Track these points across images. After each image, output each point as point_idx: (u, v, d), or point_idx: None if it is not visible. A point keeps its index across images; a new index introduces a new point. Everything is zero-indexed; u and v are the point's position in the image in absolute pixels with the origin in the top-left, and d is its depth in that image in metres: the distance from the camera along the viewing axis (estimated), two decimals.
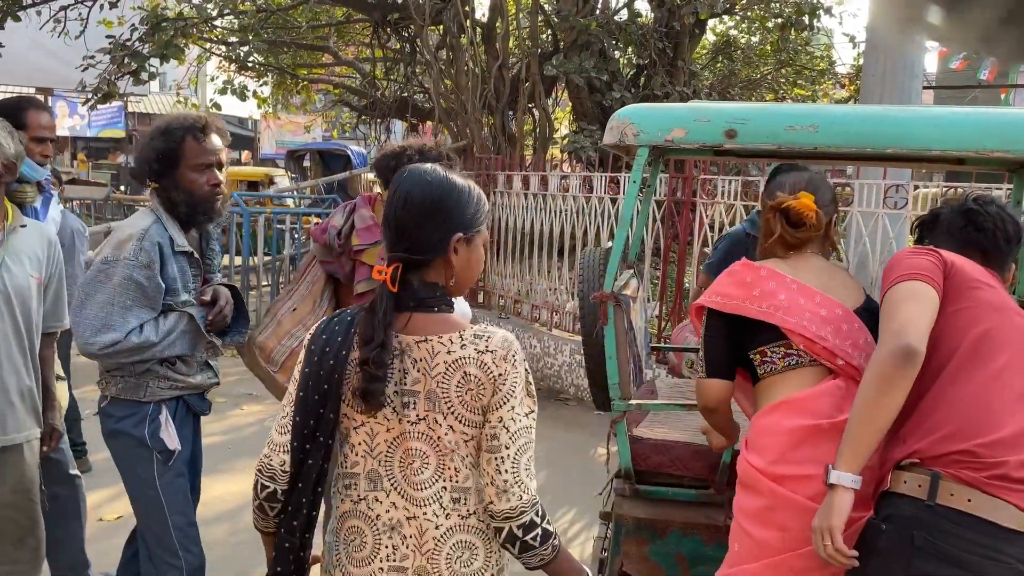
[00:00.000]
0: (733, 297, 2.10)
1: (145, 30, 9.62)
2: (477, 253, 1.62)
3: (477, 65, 10.02)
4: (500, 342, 1.55)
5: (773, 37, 11.53)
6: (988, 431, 1.68)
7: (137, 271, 2.42)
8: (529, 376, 1.59)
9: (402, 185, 1.58)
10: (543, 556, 1.57)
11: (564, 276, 7.19)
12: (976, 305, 1.84)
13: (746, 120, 2.34)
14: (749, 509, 2.03)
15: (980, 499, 1.60)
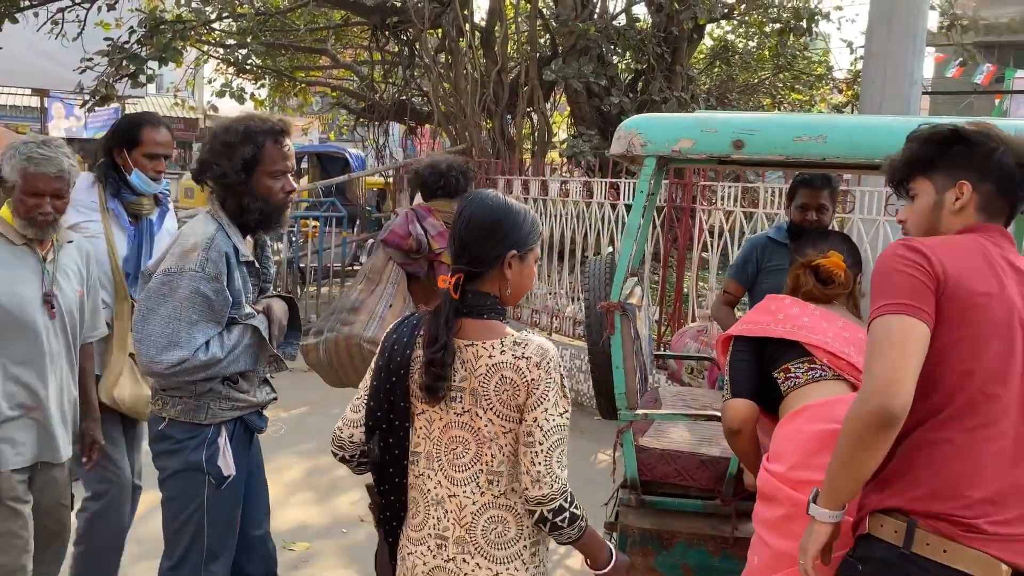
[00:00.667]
0: (758, 323, 2.20)
1: (143, 32, 9.60)
2: (529, 268, 1.85)
3: (476, 69, 10.02)
4: (535, 350, 1.75)
5: (771, 42, 11.55)
6: (973, 491, 1.58)
7: (204, 283, 2.27)
8: (564, 380, 1.76)
9: (467, 207, 1.83)
10: (571, 535, 1.77)
11: (564, 281, 7.19)
12: (977, 332, 1.63)
13: (754, 131, 2.34)
14: (768, 520, 2.03)
15: (956, 550, 1.55)
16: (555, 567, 4.06)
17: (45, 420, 2.60)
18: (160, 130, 3.07)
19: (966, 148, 1.75)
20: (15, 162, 2.53)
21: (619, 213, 6.55)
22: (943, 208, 1.76)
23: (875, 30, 5.57)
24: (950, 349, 1.62)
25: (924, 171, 1.79)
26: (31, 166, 2.51)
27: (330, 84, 14.73)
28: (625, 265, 2.54)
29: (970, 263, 1.67)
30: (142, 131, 3.03)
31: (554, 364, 1.74)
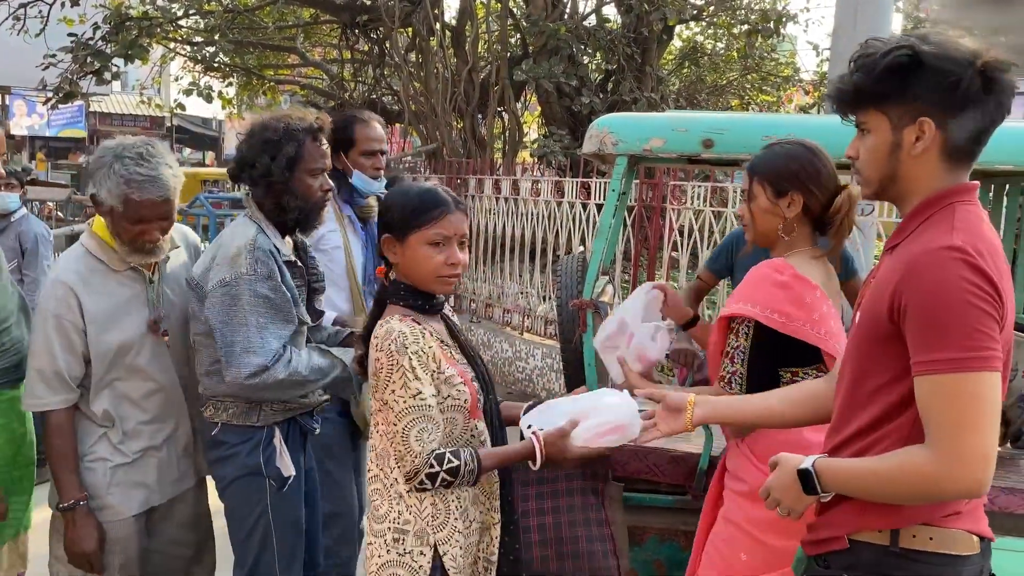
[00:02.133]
0: (795, 318, 1.96)
1: (108, 29, 9.46)
2: (415, 251, 1.89)
3: (447, 68, 10.00)
4: (381, 333, 1.85)
5: (739, 44, 11.68)
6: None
7: (261, 284, 2.22)
8: (415, 362, 1.82)
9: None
10: (466, 482, 1.86)
11: (535, 280, 7.21)
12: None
13: (723, 130, 2.37)
14: (767, 520, 1.99)
15: (940, 535, 1.56)
16: None
17: (166, 456, 2.38)
18: (372, 125, 2.94)
19: (928, 75, 1.44)
20: (112, 185, 2.17)
21: (590, 212, 6.58)
22: (901, 150, 1.50)
23: (841, 33, 5.65)
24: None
25: (877, 103, 1.50)
26: (133, 192, 2.17)
27: (299, 83, 14.62)
28: (597, 264, 2.55)
29: (1007, 273, 1.44)
30: (354, 129, 2.89)
31: (396, 346, 1.80)
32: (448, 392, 1.88)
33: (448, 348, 1.95)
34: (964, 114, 1.45)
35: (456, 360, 1.95)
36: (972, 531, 1.58)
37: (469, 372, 1.96)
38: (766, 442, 2.03)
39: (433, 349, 1.86)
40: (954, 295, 1.37)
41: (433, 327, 1.94)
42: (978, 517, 1.60)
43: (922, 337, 1.40)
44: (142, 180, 2.16)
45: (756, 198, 2.11)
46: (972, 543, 1.58)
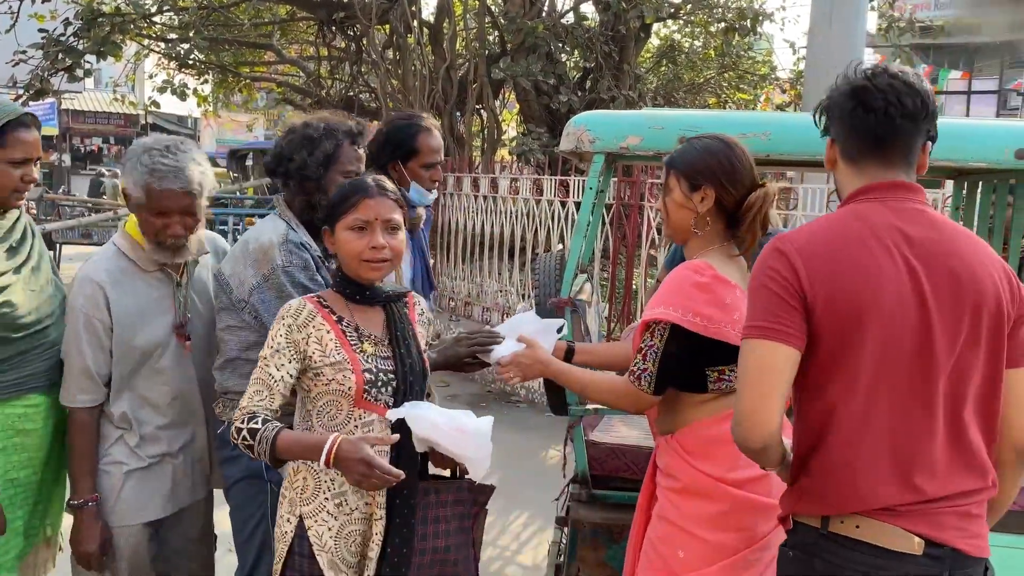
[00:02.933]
0: (715, 320, 1.97)
1: (80, 25, 9.32)
2: (340, 239, 1.98)
3: (424, 66, 9.96)
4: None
5: (716, 42, 11.73)
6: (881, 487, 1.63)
7: (298, 273, 2.24)
8: (280, 331, 1.94)
9: None
10: (261, 451, 1.86)
11: (515, 278, 7.20)
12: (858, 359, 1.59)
13: (700, 128, 2.36)
14: (703, 515, 2.02)
15: (867, 525, 1.60)
16: (507, 563, 4.06)
17: (182, 464, 2.37)
18: (435, 134, 2.82)
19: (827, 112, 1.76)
20: (137, 175, 2.17)
21: (569, 211, 6.58)
22: (833, 168, 1.79)
23: (816, 31, 5.70)
24: (830, 372, 1.60)
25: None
26: (155, 181, 2.16)
27: (276, 80, 14.51)
28: (575, 262, 2.55)
29: (849, 269, 1.59)
30: (418, 140, 2.76)
31: (279, 315, 1.96)
32: (333, 376, 1.93)
33: (359, 336, 1.98)
34: (837, 122, 1.74)
35: (359, 348, 1.97)
36: (913, 531, 1.59)
37: (373, 363, 1.97)
38: (695, 437, 2.05)
39: (320, 332, 1.93)
40: (754, 278, 1.67)
41: (359, 316, 2.01)
42: (935, 523, 1.61)
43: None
44: (165, 170, 2.16)
45: (671, 191, 2.10)
46: (911, 543, 1.59)
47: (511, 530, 4.42)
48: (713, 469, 2.02)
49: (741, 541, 2.00)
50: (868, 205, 1.66)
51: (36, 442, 2.25)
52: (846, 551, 1.63)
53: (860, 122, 1.68)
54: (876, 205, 1.65)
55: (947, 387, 1.62)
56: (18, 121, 2.12)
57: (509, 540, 4.31)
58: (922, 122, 1.67)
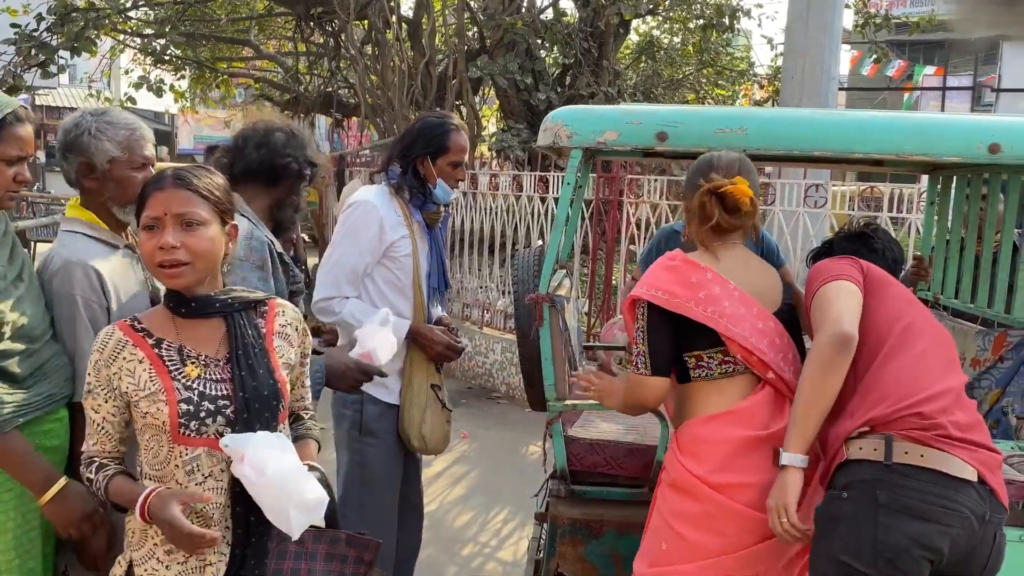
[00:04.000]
0: (678, 296, 2.04)
1: (53, 20, 9.18)
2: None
3: (403, 61, 9.91)
4: None
5: (695, 38, 11.76)
6: (924, 391, 1.89)
7: (251, 273, 2.20)
8: (90, 368, 1.74)
9: None
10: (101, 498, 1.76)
11: (495, 274, 7.19)
12: (894, 300, 2.07)
13: (677, 123, 2.37)
14: (685, 513, 2.05)
15: (931, 454, 1.78)
16: (487, 560, 4.06)
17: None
18: (464, 135, 2.83)
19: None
20: (108, 138, 2.09)
21: (548, 207, 6.58)
22: None
23: (794, 27, 5.73)
24: (877, 311, 2.03)
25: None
26: (131, 134, 2.12)
27: (253, 76, 14.37)
28: (553, 257, 2.54)
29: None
30: (449, 138, 2.78)
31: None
32: (147, 408, 1.68)
33: (180, 359, 1.72)
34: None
35: (179, 373, 1.70)
36: (967, 461, 1.79)
37: (198, 388, 1.69)
38: (687, 435, 2.10)
39: (132, 363, 1.70)
40: (825, 263, 2.22)
41: (187, 333, 1.74)
42: (981, 461, 1.82)
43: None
44: (135, 125, 2.15)
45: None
46: (967, 470, 1.78)
47: (491, 526, 4.41)
48: (697, 468, 2.03)
49: (721, 547, 2.00)
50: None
51: (59, 458, 2.05)
52: (910, 480, 1.78)
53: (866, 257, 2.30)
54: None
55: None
56: (13, 114, 1.95)
57: (489, 536, 4.30)
58: (899, 267, 2.46)
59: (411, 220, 2.78)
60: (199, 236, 1.70)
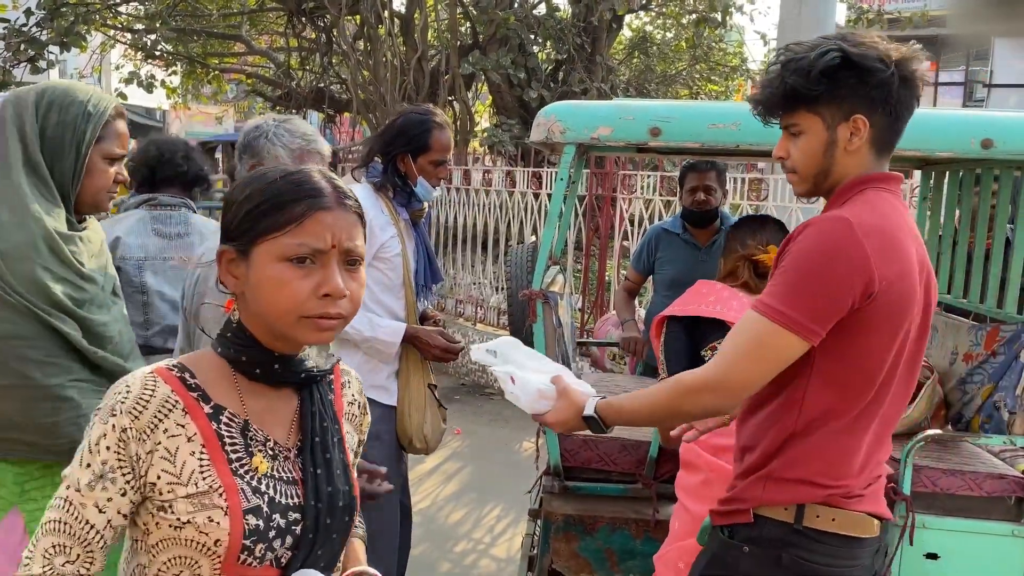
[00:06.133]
0: (689, 303, 2.30)
1: (43, 15, 9.12)
2: (262, 273, 1.14)
3: (396, 57, 9.87)
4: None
5: (688, 33, 11.76)
6: (863, 472, 1.66)
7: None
8: (107, 440, 1.11)
9: None
10: None
11: (488, 270, 7.18)
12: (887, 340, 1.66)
13: (670, 118, 2.37)
14: (688, 486, 2.12)
15: (843, 517, 1.62)
16: (480, 556, 4.06)
17: None
18: (447, 132, 2.75)
19: (856, 75, 1.55)
20: (288, 142, 2.08)
21: (542, 202, 6.57)
22: (836, 147, 1.60)
23: (787, 23, 5.73)
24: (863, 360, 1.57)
25: (810, 105, 1.59)
26: (308, 145, 2.11)
27: (245, 71, 14.31)
28: (546, 253, 2.53)
29: (903, 259, 1.55)
30: (431, 136, 2.70)
31: (105, 407, 1.13)
32: (190, 516, 1.11)
33: (247, 443, 1.17)
34: (888, 108, 1.57)
35: (244, 467, 1.16)
36: (873, 513, 1.65)
37: (268, 493, 1.16)
38: None
39: (177, 439, 1.12)
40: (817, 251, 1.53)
41: (254, 403, 1.20)
42: (879, 499, 1.69)
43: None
44: (312, 137, 2.15)
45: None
46: (872, 526, 1.65)
47: (484, 523, 4.41)
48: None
49: None
50: (890, 197, 1.60)
51: None
52: (817, 544, 1.63)
53: (908, 119, 1.60)
54: (894, 198, 1.61)
55: (911, 375, 1.69)
56: (116, 111, 1.84)
57: (483, 533, 4.30)
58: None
59: (398, 219, 2.74)
60: (359, 280, 1.19)
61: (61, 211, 1.76)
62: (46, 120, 1.75)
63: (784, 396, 1.62)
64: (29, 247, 1.67)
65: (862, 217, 1.53)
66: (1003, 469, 2.37)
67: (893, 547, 2.07)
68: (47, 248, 1.69)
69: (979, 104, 16.62)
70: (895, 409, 1.66)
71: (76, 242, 1.76)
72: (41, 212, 1.70)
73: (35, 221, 1.69)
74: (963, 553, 2.19)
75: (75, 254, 1.75)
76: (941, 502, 2.29)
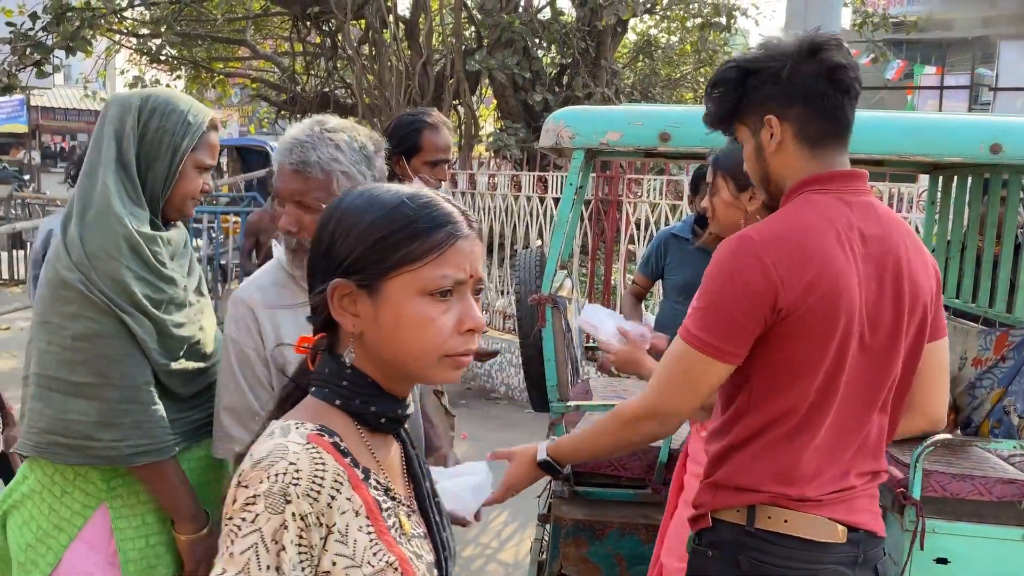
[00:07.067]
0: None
1: (49, 19, 9.15)
2: (399, 310, 1.03)
3: (400, 61, 9.90)
4: (259, 454, 0.98)
5: (692, 37, 11.76)
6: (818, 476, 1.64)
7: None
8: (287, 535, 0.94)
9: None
10: None
11: (493, 275, 7.19)
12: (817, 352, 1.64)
13: (679, 124, 2.37)
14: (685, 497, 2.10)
15: (795, 519, 1.61)
16: (488, 561, 4.05)
17: None
18: (441, 131, 2.73)
19: (757, 79, 1.59)
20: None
21: (547, 206, 6.58)
22: (763, 150, 1.63)
23: (792, 26, 5.73)
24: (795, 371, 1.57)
25: (738, 117, 1.65)
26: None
27: (250, 75, 14.35)
28: (555, 258, 2.54)
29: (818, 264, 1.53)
30: (422, 136, 2.70)
31: (268, 493, 0.94)
32: None
33: (392, 505, 1.07)
34: (804, 100, 1.57)
35: (398, 531, 1.06)
36: (835, 519, 1.62)
37: (420, 551, 1.08)
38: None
39: (347, 515, 0.99)
40: (721, 275, 1.57)
41: (378, 457, 1.09)
42: (851, 508, 1.65)
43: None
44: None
45: (719, 192, 2.15)
46: (835, 532, 1.61)
47: (492, 528, 4.41)
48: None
49: None
50: (825, 198, 1.60)
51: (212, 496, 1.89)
52: (772, 546, 1.62)
53: (831, 103, 1.58)
54: (832, 199, 1.60)
55: (876, 382, 1.64)
56: (211, 123, 1.86)
57: (490, 538, 4.30)
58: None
59: None
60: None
61: (145, 212, 1.78)
62: (147, 125, 1.78)
63: (733, 407, 1.66)
64: (113, 247, 1.70)
65: (768, 228, 1.57)
66: (1013, 474, 2.36)
67: (904, 554, 2.07)
68: (128, 248, 1.71)
69: (985, 107, 16.61)
70: (852, 417, 1.63)
71: (157, 242, 1.78)
72: (124, 212, 1.73)
73: (118, 220, 1.71)
74: (973, 558, 2.18)
75: (156, 254, 1.77)
76: (951, 507, 2.28)
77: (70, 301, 1.69)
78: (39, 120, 24.52)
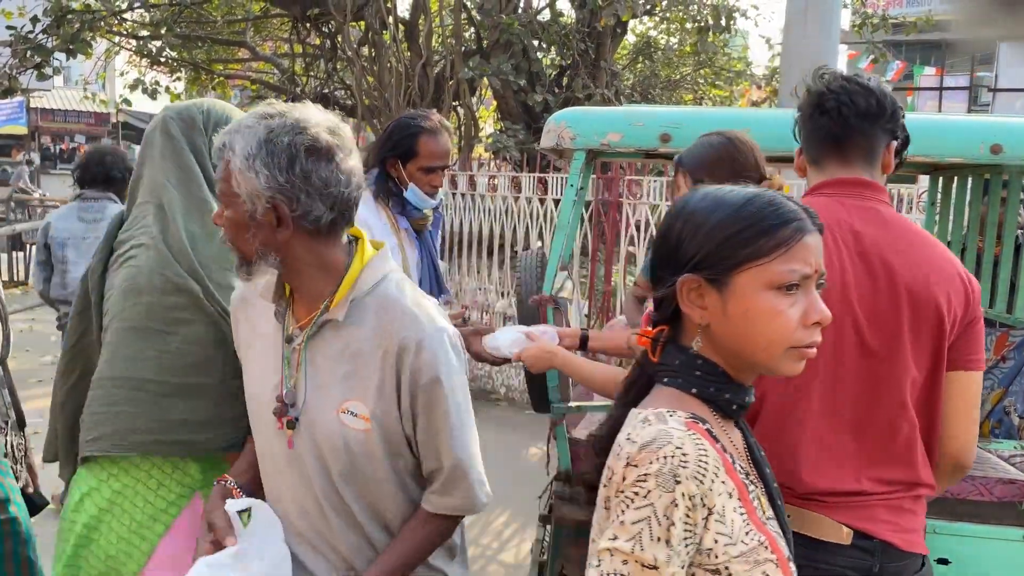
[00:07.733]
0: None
1: (49, 22, 9.16)
2: (749, 304, 1.12)
3: (400, 62, 9.90)
4: (639, 437, 1.09)
5: (692, 39, 11.77)
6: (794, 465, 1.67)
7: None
8: (677, 512, 1.04)
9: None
10: None
11: (494, 276, 7.19)
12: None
13: (680, 124, 2.38)
14: None
15: (797, 514, 1.62)
16: (489, 562, 4.06)
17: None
18: (439, 138, 2.67)
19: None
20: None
21: (548, 207, 6.58)
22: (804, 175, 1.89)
23: (792, 28, 5.74)
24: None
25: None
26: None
27: (250, 77, 14.36)
28: (556, 259, 2.54)
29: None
30: (419, 141, 2.64)
31: (660, 472, 1.04)
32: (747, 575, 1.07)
33: (755, 490, 1.16)
34: (804, 131, 1.84)
35: (762, 514, 1.14)
36: (841, 522, 1.62)
37: (777, 531, 1.16)
38: None
39: (722, 496, 1.07)
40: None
41: (731, 441, 1.18)
42: (863, 514, 1.64)
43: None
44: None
45: (679, 189, 2.18)
46: (840, 533, 1.62)
47: (492, 529, 4.41)
48: None
49: None
50: (821, 200, 1.69)
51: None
52: None
53: (817, 125, 1.77)
54: (828, 200, 1.69)
55: (882, 382, 1.64)
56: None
57: (491, 539, 4.30)
58: (880, 122, 1.73)
59: (398, 228, 2.68)
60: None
61: None
62: (213, 140, 1.82)
63: None
64: (225, 257, 1.75)
65: None
66: (1014, 474, 2.37)
67: None
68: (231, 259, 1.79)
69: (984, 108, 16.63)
70: (855, 415, 1.64)
71: None
72: None
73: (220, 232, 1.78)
74: (974, 558, 2.18)
75: None
76: (951, 507, 2.28)
77: (183, 308, 1.75)
78: (38, 122, 24.52)
